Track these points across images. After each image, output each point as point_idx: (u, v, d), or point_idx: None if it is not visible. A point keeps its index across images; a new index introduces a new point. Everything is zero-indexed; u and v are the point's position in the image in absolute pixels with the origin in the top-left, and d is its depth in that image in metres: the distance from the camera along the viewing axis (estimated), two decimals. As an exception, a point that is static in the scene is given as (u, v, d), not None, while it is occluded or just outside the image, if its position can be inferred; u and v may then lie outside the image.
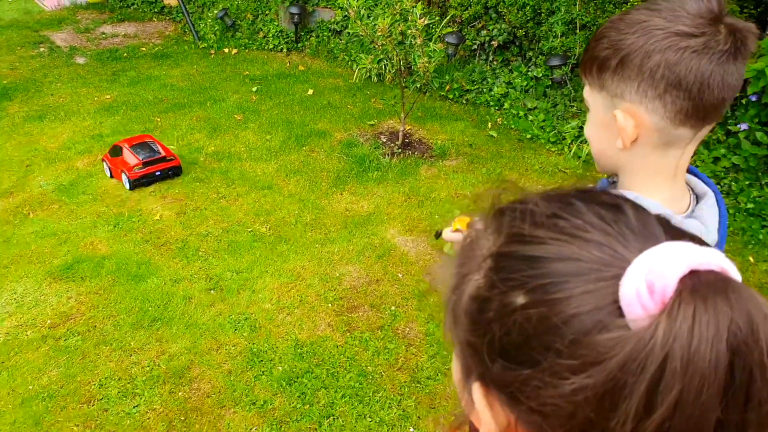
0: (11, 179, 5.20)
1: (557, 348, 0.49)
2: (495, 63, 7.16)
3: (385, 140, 5.85)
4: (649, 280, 0.47)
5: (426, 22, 4.88)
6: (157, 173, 5.00)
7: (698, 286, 0.46)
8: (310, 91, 6.94)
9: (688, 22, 0.94)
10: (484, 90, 6.92)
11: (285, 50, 8.17)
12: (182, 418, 3.08)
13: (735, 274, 0.50)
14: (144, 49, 8.27)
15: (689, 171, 1.17)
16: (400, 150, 5.63)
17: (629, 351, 0.46)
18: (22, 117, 6.37)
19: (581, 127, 6.03)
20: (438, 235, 1.90)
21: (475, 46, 7.17)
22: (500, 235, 0.58)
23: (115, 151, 5.10)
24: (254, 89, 6.98)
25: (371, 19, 5.16)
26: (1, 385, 3.23)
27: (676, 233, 0.55)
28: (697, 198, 1.16)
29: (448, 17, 7.12)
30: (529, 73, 6.77)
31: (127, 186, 4.94)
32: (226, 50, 8.21)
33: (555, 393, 0.49)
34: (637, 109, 1.02)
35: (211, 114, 6.40)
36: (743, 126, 4.83)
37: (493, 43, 7.07)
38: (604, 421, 0.47)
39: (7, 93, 6.87)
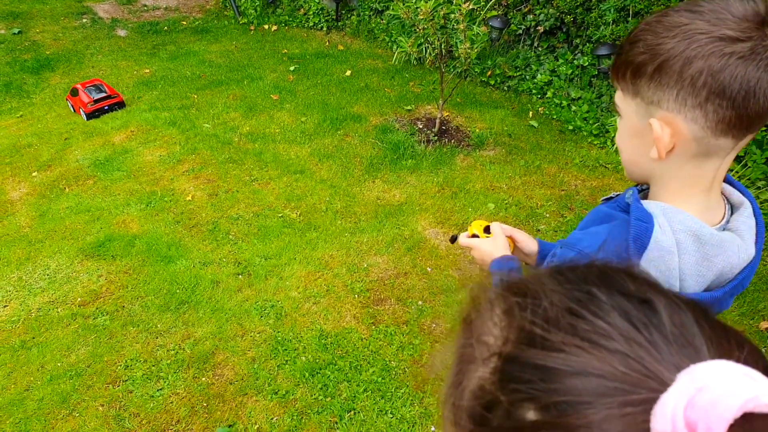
0: (50, 152, 5.27)
1: None
2: (540, 49, 6.94)
3: (421, 126, 5.74)
4: (689, 417, 0.38)
5: (470, 7, 4.72)
6: (105, 108, 6.06)
7: None
8: (348, 72, 6.84)
9: (734, 26, 0.87)
10: (527, 77, 6.73)
11: (325, 28, 8.07)
12: (204, 404, 3.09)
13: None
14: (184, 23, 8.26)
15: (725, 179, 1.10)
16: (436, 137, 5.52)
17: None
18: (63, 89, 6.45)
19: (625, 120, 5.82)
20: (453, 239, 1.82)
21: (520, 31, 6.96)
22: (510, 325, 0.50)
23: (74, 92, 6.12)
24: (292, 68, 6.92)
25: (414, 1, 5.03)
26: (31, 360, 3.29)
27: (719, 341, 0.45)
28: (732, 208, 1.09)
29: (493, 0, 6.91)
30: (575, 61, 6.55)
31: (85, 118, 6.01)
32: (266, 26, 8.15)
33: None
34: (674, 117, 0.95)
35: (247, 93, 6.37)
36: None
37: (539, 28, 6.84)
38: None
39: (49, 63, 6.96)
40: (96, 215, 4.40)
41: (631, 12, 5.95)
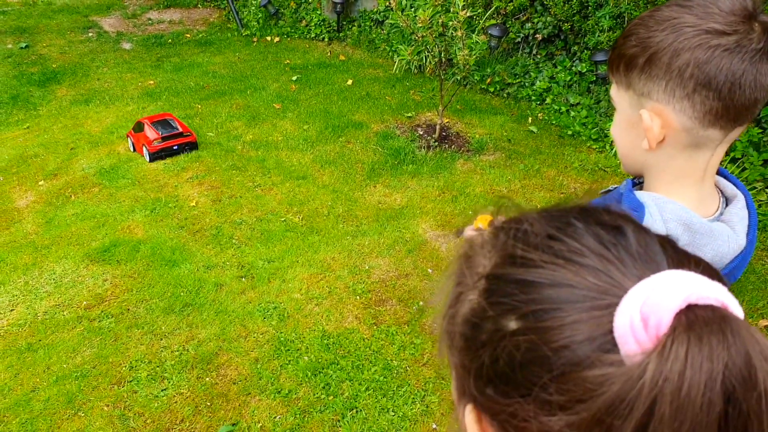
0: (56, 161, 5.35)
1: (545, 381, 0.46)
2: (538, 57, 7.02)
3: (421, 133, 5.81)
4: (644, 312, 0.44)
5: (468, 14, 4.80)
6: (174, 147, 5.33)
7: (694, 322, 0.43)
8: (350, 81, 6.93)
9: (720, 20, 0.90)
10: (526, 84, 6.80)
11: (326, 39, 8.17)
12: (208, 404, 3.13)
13: (736, 311, 0.45)
14: (188, 35, 8.38)
15: (719, 173, 1.13)
16: (436, 143, 5.58)
17: (617, 391, 0.42)
18: (69, 101, 6.54)
19: (625, 125, 5.87)
20: (459, 233, 1.87)
21: (519, 39, 7.05)
22: (496, 251, 0.56)
23: (138, 127, 5.44)
24: (294, 78, 7.01)
25: (413, 10, 5.12)
26: (37, 362, 3.34)
27: (680, 259, 0.51)
28: (727, 201, 1.12)
29: (492, 9, 7.00)
30: (573, 67, 6.62)
31: (147, 159, 5.30)
32: (269, 38, 8.26)
33: (541, 428, 0.47)
34: (664, 108, 0.98)
35: (250, 102, 6.46)
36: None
37: (537, 36, 6.93)
38: None
39: (56, 76, 7.07)
40: (101, 221, 4.46)
41: (626, 19, 6.02)
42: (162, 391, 3.19)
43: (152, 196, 4.77)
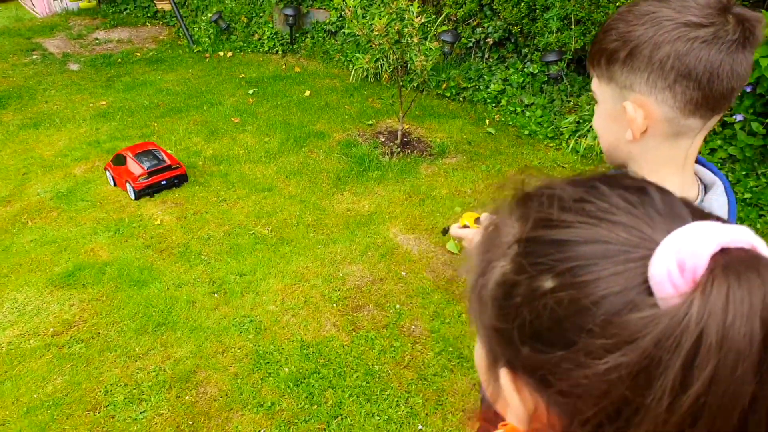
0: (8, 188, 5.16)
1: (589, 328, 0.49)
2: (491, 60, 7.16)
3: (383, 140, 5.84)
4: (679, 259, 0.48)
5: (422, 21, 4.87)
6: (163, 182, 4.91)
7: (730, 263, 0.47)
8: (307, 93, 6.92)
9: (697, 13, 0.94)
10: (481, 87, 6.92)
11: (280, 52, 8.15)
12: (190, 422, 3.06)
13: (765, 251, 0.50)
14: (138, 54, 8.24)
15: (697, 161, 1.17)
16: (399, 149, 5.62)
17: (663, 328, 0.46)
18: (17, 125, 6.34)
19: (578, 122, 6.03)
20: (445, 231, 1.89)
21: (471, 44, 7.17)
22: (527, 220, 0.58)
23: (119, 160, 4.98)
24: (251, 92, 6.96)
25: (367, 18, 5.15)
26: (5, 394, 3.20)
27: (701, 214, 0.55)
28: (706, 188, 1.16)
29: (443, 15, 7.11)
30: (524, 69, 6.77)
31: (132, 196, 4.86)
32: (221, 53, 8.19)
33: (588, 373, 0.49)
34: (646, 100, 1.02)
35: (208, 118, 6.38)
36: (739, 117, 4.83)
37: (488, 40, 7.07)
38: (639, 398, 0.47)
39: (0, 101, 6.83)
40: (63, 246, 4.33)
41: (573, 20, 6.20)
42: (141, 413, 3.10)
43: (114, 216, 4.65)
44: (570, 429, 0.53)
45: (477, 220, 1.78)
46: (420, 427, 3.06)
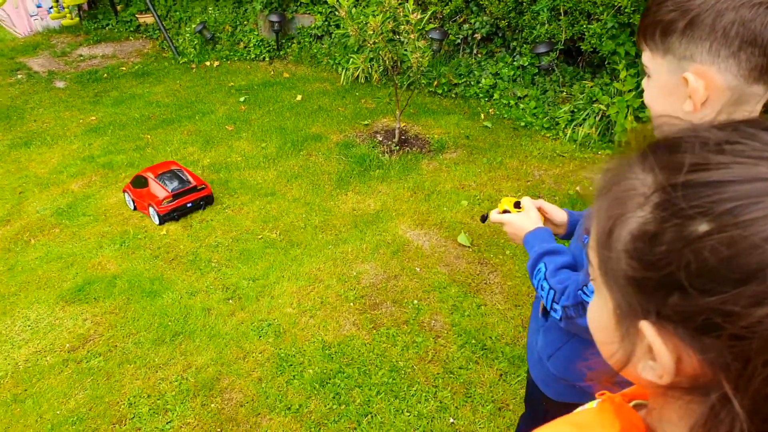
0: (5, 207, 5.07)
1: (757, 271, 0.48)
2: (479, 55, 7.18)
3: (381, 139, 5.83)
4: None
5: (419, 17, 4.88)
6: (189, 204, 4.64)
7: None
8: (299, 97, 6.89)
9: None
10: (472, 83, 6.94)
11: (267, 59, 8.11)
12: (218, 430, 3.01)
13: None
14: (124, 68, 8.16)
15: None
16: (398, 147, 5.61)
17: None
18: (8, 145, 6.24)
19: (573, 111, 6.07)
20: (484, 218, 1.87)
21: (459, 41, 7.19)
22: (669, 168, 0.56)
23: (139, 182, 4.71)
24: (242, 99, 6.92)
25: (362, 18, 5.15)
26: (27, 412, 3.13)
27: None
28: None
29: (428, 13, 7.13)
30: (514, 62, 6.80)
31: (156, 221, 4.60)
32: (208, 63, 8.13)
33: (759, 313, 0.48)
34: (708, 69, 1.01)
35: (201, 127, 6.33)
36: None
37: (476, 36, 7.09)
38: None
39: (-11, 122, 6.73)
40: (69, 261, 4.26)
41: (561, 11, 6.25)
42: (167, 423, 3.05)
43: (119, 229, 4.58)
44: (744, 372, 0.51)
45: (516, 205, 1.77)
46: (452, 420, 3.04)
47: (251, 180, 5.23)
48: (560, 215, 1.76)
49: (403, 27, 4.96)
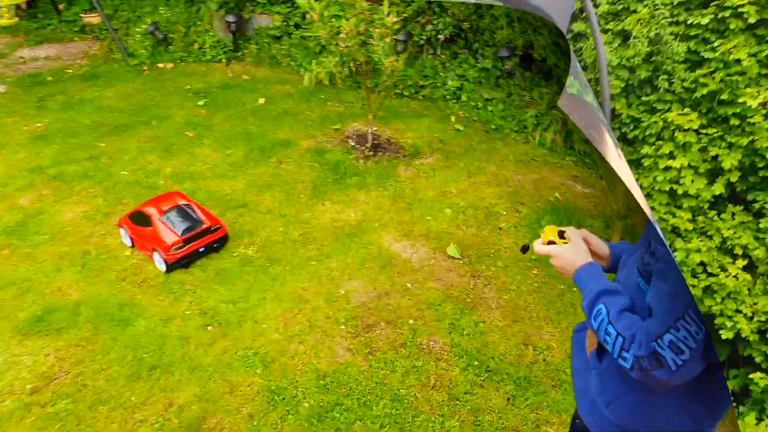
0: (-55, 227, 4.59)
1: None
2: (443, 57, 7.03)
3: (354, 144, 5.59)
4: None
5: (394, 20, 4.67)
6: (201, 249, 3.98)
7: None
8: (262, 100, 6.58)
9: None
10: (438, 84, 6.80)
11: (224, 60, 7.74)
12: (209, 476, 2.74)
13: None
14: (70, 71, 7.63)
15: None
16: (371, 152, 5.39)
17: None
18: (-57, 157, 5.69)
19: (537, 116, 5.99)
20: (525, 249, 1.73)
21: (422, 42, 7.03)
22: None
23: (141, 219, 4.03)
24: (201, 103, 6.55)
25: (334, 20, 4.91)
26: (-13, 468, 2.78)
27: None
28: None
29: (402, 16, 6.93)
30: (478, 64, 6.69)
31: (162, 268, 3.94)
32: (161, 65, 7.70)
33: None
34: None
35: (159, 133, 5.94)
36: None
37: (440, 37, 6.95)
38: None
39: None
40: (24, 287, 3.85)
41: (514, 18, 6.19)
42: (151, 472, 2.75)
43: (78, 249, 4.19)
44: None
45: (560, 234, 1.63)
46: (460, 450, 2.85)
47: (219, 191, 4.90)
48: (604, 248, 1.69)
49: (378, 30, 4.74)
